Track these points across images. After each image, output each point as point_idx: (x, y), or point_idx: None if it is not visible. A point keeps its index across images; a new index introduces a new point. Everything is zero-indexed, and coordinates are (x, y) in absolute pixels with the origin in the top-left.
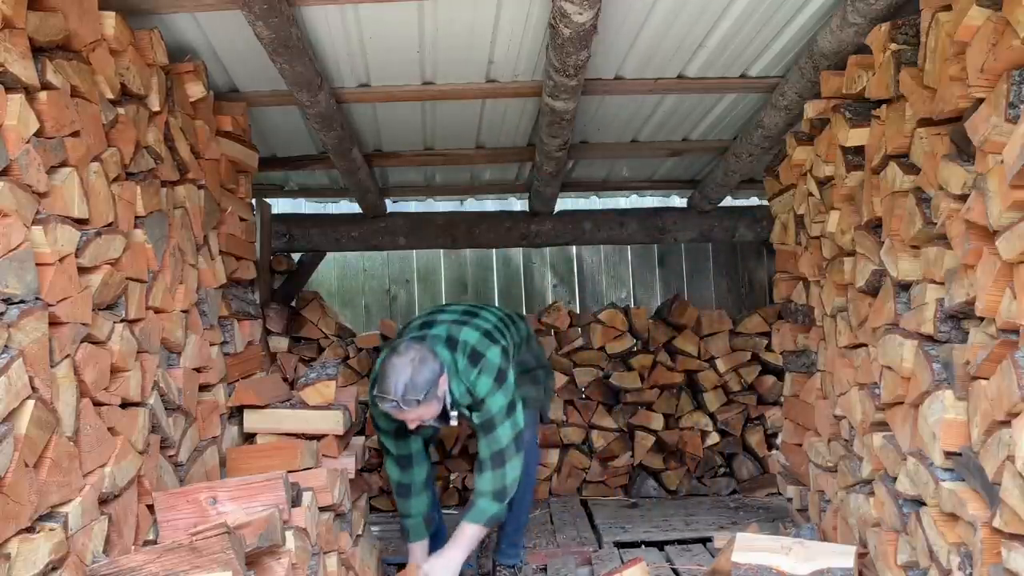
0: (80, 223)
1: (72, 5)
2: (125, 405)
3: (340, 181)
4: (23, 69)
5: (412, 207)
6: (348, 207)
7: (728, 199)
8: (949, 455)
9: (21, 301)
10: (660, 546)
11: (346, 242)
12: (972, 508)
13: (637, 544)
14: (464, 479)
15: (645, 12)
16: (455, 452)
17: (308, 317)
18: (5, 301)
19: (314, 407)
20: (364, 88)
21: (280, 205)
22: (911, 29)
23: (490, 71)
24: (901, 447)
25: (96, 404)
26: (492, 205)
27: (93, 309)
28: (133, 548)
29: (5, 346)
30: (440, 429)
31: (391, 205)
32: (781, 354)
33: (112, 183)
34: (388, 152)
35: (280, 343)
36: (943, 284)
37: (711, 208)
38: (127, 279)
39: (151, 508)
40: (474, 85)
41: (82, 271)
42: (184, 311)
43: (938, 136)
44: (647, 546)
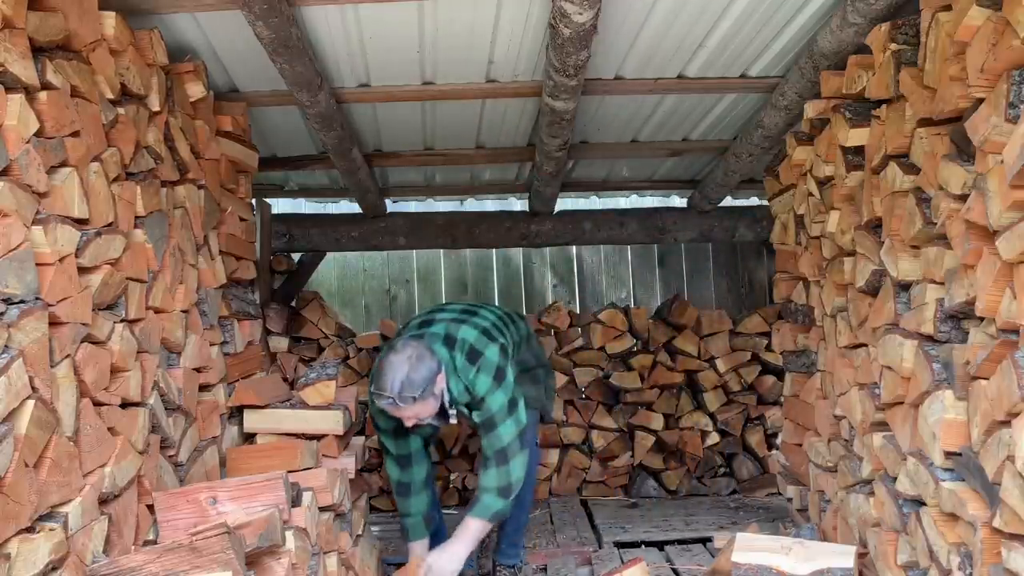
0: (80, 223)
1: (72, 5)
2: (125, 405)
3: (340, 181)
4: (23, 69)
5: (412, 207)
6: (348, 207)
7: (728, 199)
8: (949, 455)
9: (21, 301)
10: (660, 546)
11: (346, 242)
12: (972, 508)
13: (637, 544)
14: (464, 479)
15: (645, 12)
16: (455, 452)
17: (308, 317)
18: (5, 301)
19: (314, 407)
20: (364, 88)
21: (280, 205)
22: (911, 29)
23: (490, 71)
24: (901, 447)
25: (96, 404)
26: (492, 205)
27: (93, 309)
28: (133, 548)
29: (5, 346)
30: (440, 428)
31: (391, 205)
32: (781, 354)
33: (112, 183)
34: (388, 152)
35: (280, 343)
36: (943, 284)
37: (711, 208)
38: (127, 279)
39: (151, 508)
40: (474, 85)
41: (82, 271)
42: (184, 311)
43: (938, 136)
44: (647, 546)
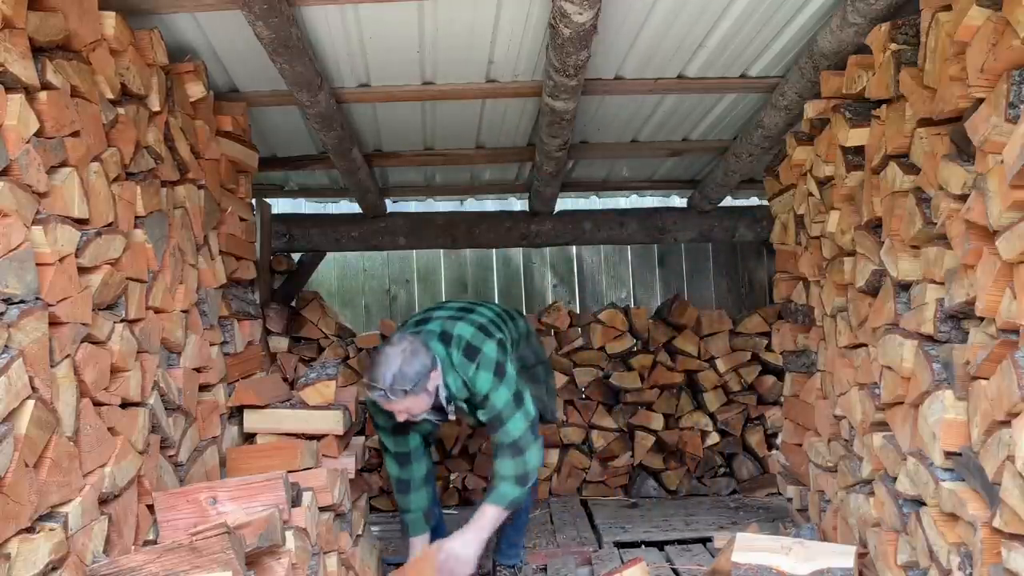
0: (80, 223)
1: (72, 5)
2: (125, 405)
3: (340, 181)
4: (23, 69)
5: (412, 207)
6: (348, 207)
7: (728, 199)
8: (949, 455)
9: (21, 301)
10: (660, 546)
11: (346, 242)
12: (972, 508)
13: (637, 544)
14: (464, 479)
15: (645, 12)
16: (455, 452)
17: (308, 317)
18: (5, 301)
19: (314, 407)
20: (364, 88)
21: (280, 205)
22: (911, 29)
23: (490, 71)
24: (901, 447)
25: (96, 404)
26: (492, 205)
27: (93, 309)
28: (133, 548)
29: (5, 346)
30: (439, 426)
31: (391, 205)
32: (781, 354)
33: (112, 183)
34: (388, 152)
35: (280, 343)
36: (943, 284)
37: (711, 208)
38: (127, 279)
39: (151, 508)
40: (474, 85)
41: (82, 271)
42: (184, 311)
43: (938, 136)
44: (647, 546)
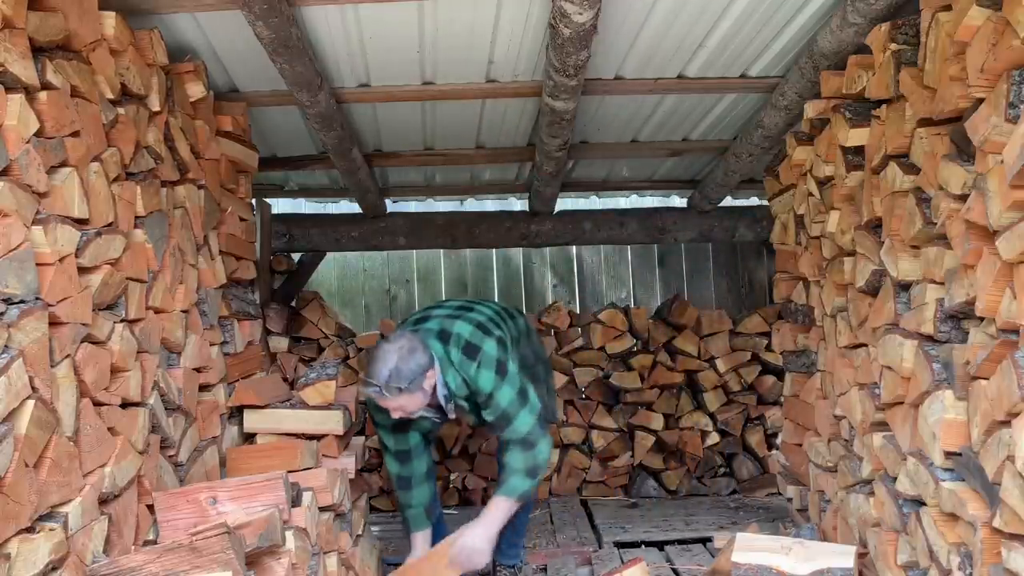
0: (80, 223)
1: (72, 5)
2: (125, 405)
3: (340, 181)
4: (23, 69)
5: (412, 207)
6: (348, 207)
7: (728, 199)
8: (949, 455)
9: (21, 301)
10: (660, 546)
11: (346, 242)
12: (972, 508)
13: (637, 544)
14: (464, 479)
15: (645, 12)
16: (455, 452)
17: (308, 317)
18: (5, 301)
19: (314, 407)
20: (364, 88)
21: (280, 205)
22: (911, 29)
23: (490, 71)
24: (901, 447)
25: (96, 404)
26: (492, 205)
27: (93, 309)
28: (133, 548)
29: (5, 346)
30: (440, 424)
31: (391, 205)
32: (781, 354)
33: (112, 183)
34: (388, 152)
35: (280, 343)
36: (943, 284)
37: (711, 208)
38: (127, 279)
39: (151, 508)
40: (474, 85)
41: (82, 271)
42: (184, 311)
43: (938, 136)
44: (647, 546)
